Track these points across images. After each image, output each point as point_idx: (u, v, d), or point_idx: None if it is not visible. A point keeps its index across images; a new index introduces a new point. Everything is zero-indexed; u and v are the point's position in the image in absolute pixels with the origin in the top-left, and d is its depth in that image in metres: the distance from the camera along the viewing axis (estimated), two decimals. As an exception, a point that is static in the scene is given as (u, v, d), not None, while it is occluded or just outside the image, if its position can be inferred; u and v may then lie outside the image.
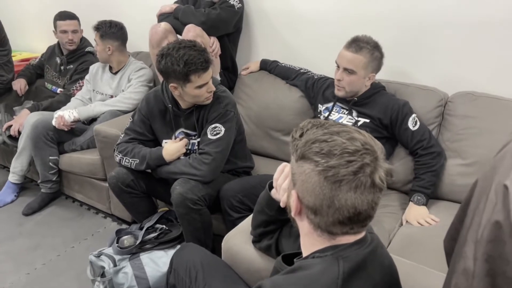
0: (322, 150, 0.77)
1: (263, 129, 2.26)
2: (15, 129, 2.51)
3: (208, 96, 1.74)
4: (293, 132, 0.86)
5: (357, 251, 0.81)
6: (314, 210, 0.80)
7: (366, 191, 0.77)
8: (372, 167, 0.77)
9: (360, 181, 0.76)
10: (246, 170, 2.02)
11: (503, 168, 0.65)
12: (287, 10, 2.33)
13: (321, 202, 0.78)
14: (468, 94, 1.82)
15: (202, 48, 1.69)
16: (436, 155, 1.75)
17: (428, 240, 1.54)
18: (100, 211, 2.50)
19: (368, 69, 1.76)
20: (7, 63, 2.90)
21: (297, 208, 0.83)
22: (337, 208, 0.77)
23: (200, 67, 1.63)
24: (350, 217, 0.78)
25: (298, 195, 0.82)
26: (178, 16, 2.28)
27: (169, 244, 1.83)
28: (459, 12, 1.84)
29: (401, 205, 1.79)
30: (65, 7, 2.78)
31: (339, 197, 0.76)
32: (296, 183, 0.82)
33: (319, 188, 0.77)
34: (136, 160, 1.80)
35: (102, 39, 2.40)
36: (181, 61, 1.61)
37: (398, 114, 1.77)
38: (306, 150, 0.80)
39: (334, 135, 0.80)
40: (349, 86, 1.80)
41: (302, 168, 0.80)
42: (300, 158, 0.81)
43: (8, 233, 2.31)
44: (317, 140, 0.79)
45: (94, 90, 2.58)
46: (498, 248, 0.61)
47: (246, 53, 2.57)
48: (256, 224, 1.20)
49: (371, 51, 1.74)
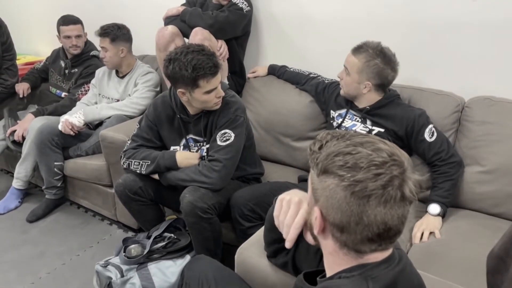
0: (347, 163, 0.72)
1: (272, 135, 2.21)
2: (19, 134, 2.47)
3: (217, 101, 1.69)
4: (311, 145, 0.81)
5: (386, 270, 0.76)
6: (340, 227, 0.74)
7: (396, 205, 0.72)
8: (401, 179, 0.72)
9: (390, 195, 0.71)
10: (256, 176, 1.97)
11: None
12: (296, 14, 2.29)
13: (349, 218, 0.73)
14: (486, 99, 1.76)
15: (211, 52, 1.64)
16: (456, 165, 1.70)
17: (447, 252, 1.48)
18: (105, 218, 2.45)
19: (363, 75, 1.71)
20: (11, 67, 2.87)
21: (321, 225, 0.78)
22: (366, 225, 0.72)
23: (208, 72, 1.59)
24: (380, 234, 0.73)
25: (321, 212, 0.77)
26: (185, 18, 2.23)
27: (178, 253, 1.78)
28: (475, 14, 1.79)
29: (416, 213, 1.73)
30: (70, 11, 2.74)
31: (368, 213, 0.71)
32: (319, 199, 0.77)
33: (345, 204, 0.72)
34: (147, 161, 1.75)
35: (114, 43, 2.35)
36: (189, 66, 1.57)
37: (414, 125, 1.71)
38: (328, 163, 0.74)
39: (358, 146, 0.74)
40: (345, 86, 1.80)
41: (326, 183, 0.75)
42: (322, 172, 0.75)
43: (12, 240, 2.26)
44: (340, 153, 0.74)
45: (100, 94, 2.53)
46: None
47: (254, 57, 2.53)
48: (268, 241, 1.15)
49: (369, 57, 1.68)
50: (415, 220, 1.70)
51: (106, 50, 2.36)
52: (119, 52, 2.37)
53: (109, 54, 2.37)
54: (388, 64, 1.71)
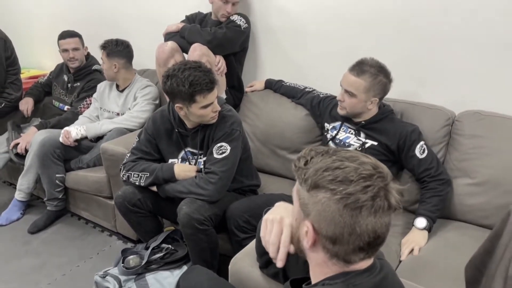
0: (338, 178, 0.76)
1: (269, 147, 2.26)
2: (22, 147, 2.52)
3: (213, 115, 1.75)
4: (295, 162, 0.85)
5: (368, 278, 0.80)
6: (333, 239, 0.78)
7: (383, 214, 0.77)
8: (386, 190, 0.77)
9: (379, 205, 0.76)
10: (253, 188, 2.01)
11: None
12: (293, 29, 2.35)
13: (342, 230, 0.76)
14: (475, 113, 1.81)
15: (207, 69, 1.70)
16: (444, 182, 1.73)
17: (439, 262, 1.51)
18: (105, 229, 2.49)
19: (370, 93, 1.74)
20: (15, 82, 2.93)
21: (313, 239, 0.80)
22: (359, 235, 0.76)
23: (205, 88, 1.64)
24: (370, 242, 0.77)
25: (314, 226, 0.80)
26: (185, 35, 2.30)
27: (175, 264, 1.82)
28: (467, 32, 1.84)
29: (407, 225, 1.76)
30: (73, 26, 2.82)
31: (360, 223, 0.75)
32: (311, 213, 0.80)
33: (339, 216, 0.76)
34: (146, 173, 1.80)
35: (109, 57, 2.43)
36: (187, 82, 1.62)
37: (406, 140, 1.75)
38: (318, 179, 0.78)
39: (344, 161, 0.79)
40: (350, 107, 1.80)
41: (317, 197, 0.78)
42: (312, 187, 0.79)
43: (14, 251, 2.30)
44: (328, 168, 0.78)
45: (102, 108, 2.59)
46: None
47: (252, 71, 2.59)
48: (260, 252, 1.19)
49: (373, 75, 1.72)
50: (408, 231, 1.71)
51: (104, 62, 2.46)
52: (112, 66, 2.44)
53: (105, 67, 2.47)
54: (388, 78, 1.77)
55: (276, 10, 2.37)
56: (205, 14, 2.47)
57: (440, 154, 1.83)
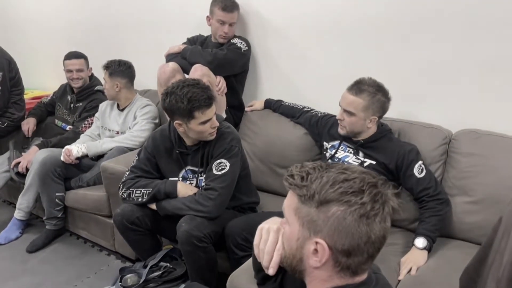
0: (350, 189, 0.76)
1: (268, 166, 2.28)
2: (23, 165, 2.54)
3: (211, 131, 1.77)
4: (288, 180, 0.82)
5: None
6: (349, 252, 0.76)
7: (389, 219, 0.78)
8: (387, 196, 0.78)
9: (387, 211, 0.77)
10: (252, 206, 2.02)
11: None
12: (291, 51, 2.40)
13: (358, 241, 0.75)
14: (471, 132, 1.83)
15: (205, 85, 1.74)
16: (443, 202, 1.73)
17: (438, 281, 1.51)
18: (104, 248, 2.48)
19: (369, 111, 1.76)
20: (18, 102, 2.97)
21: (328, 256, 0.77)
22: (373, 242, 0.77)
23: (203, 104, 1.67)
24: (379, 248, 0.79)
25: (327, 243, 0.76)
26: (186, 56, 2.35)
27: (173, 283, 1.82)
28: (462, 53, 1.88)
29: (407, 243, 1.76)
30: (77, 47, 2.88)
31: (374, 230, 0.76)
32: (322, 230, 0.77)
33: (356, 227, 0.75)
34: (149, 189, 1.81)
35: (111, 77, 2.48)
36: (185, 99, 1.66)
37: (404, 160, 1.76)
38: (328, 193, 0.76)
39: (347, 172, 0.78)
40: (350, 126, 1.82)
41: (329, 212, 0.76)
42: (322, 203, 0.76)
43: (12, 270, 2.29)
44: (336, 181, 0.77)
45: (103, 126, 2.63)
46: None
47: (252, 92, 2.63)
48: (257, 268, 1.18)
49: (372, 94, 1.74)
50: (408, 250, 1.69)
51: (106, 82, 2.51)
52: (114, 86, 2.49)
53: (107, 87, 2.51)
54: (387, 96, 1.79)
55: (275, 33, 2.43)
56: (206, 37, 2.53)
57: (438, 172, 1.85)
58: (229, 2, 2.34)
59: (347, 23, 2.17)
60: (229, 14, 2.34)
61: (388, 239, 0.82)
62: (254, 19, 2.49)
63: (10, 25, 3.94)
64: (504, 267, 0.63)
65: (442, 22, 1.90)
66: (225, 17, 2.34)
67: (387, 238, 0.79)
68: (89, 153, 2.45)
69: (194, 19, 2.65)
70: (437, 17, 1.91)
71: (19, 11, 3.83)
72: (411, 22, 1.98)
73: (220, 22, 2.35)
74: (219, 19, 2.35)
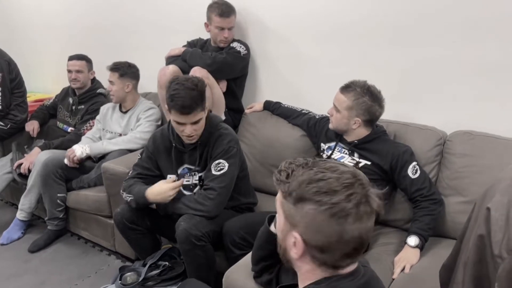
0: (322, 189, 0.79)
1: (266, 167, 2.31)
2: (26, 167, 2.58)
3: (185, 137, 1.80)
4: (276, 175, 0.87)
5: (351, 282, 0.83)
6: (322, 248, 0.80)
7: (367, 219, 0.80)
8: (367, 196, 0.80)
9: (363, 211, 0.79)
10: (250, 206, 2.05)
11: (489, 196, 0.69)
12: (290, 54, 2.44)
13: (330, 239, 0.79)
14: (466, 133, 1.86)
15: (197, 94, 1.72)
16: (437, 202, 1.75)
17: (431, 279, 1.51)
18: (104, 249, 2.51)
19: (352, 112, 1.80)
20: (21, 104, 3.02)
21: (302, 250, 0.83)
22: (346, 241, 0.79)
23: (177, 108, 1.70)
24: (356, 247, 0.81)
25: (302, 237, 0.82)
26: (186, 58, 2.39)
27: (172, 281, 1.84)
28: (457, 55, 1.92)
29: (401, 243, 1.77)
30: (78, 50, 2.92)
31: (347, 230, 0.78)
32: (298, 225, 0.82)
33: (327, 226, 0.79)
34: (131, 196, 1.85)
35: (121, 78, 2.52)
36: (170, 92, 1.72)
37: (398, 161, 1.79)
38: (303, 191, 0.81)
39: (326, 172, 0.82)
40: (335, 122, 1.88)
41: (303, 210, 0.81)
42: (298, 200, 0.81)
43: (14, 270, 2.32)
44: (312, 180, 0.81)
45: (104, 129, 2.66)
46: (483, 269, 0.63)
47: (252, 95, 2.66)
48: (256, 259, 1.22)
49: (358, 95, 1.78)
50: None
51: (113, 84, 2.52)
52: (125, 87, 2.53)
53: (115, 88, 2.53)
54: (376, 101, 1.81)
55: (274, 36, 2.47)
56: (205, 40, 2.57)
57: (433, 173, 1.87)
58: (225, 7, 2.37)
59: (345, 25, 2.20)
60: (227, 19, 2.37)
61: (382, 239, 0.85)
62: (252, 22, 2.53)
63: (13, 27, 4.00)
64: (470, 250, 0.66)
65: (438, 24, 1.93)
66: (224, 23, 2.37)
67: (368, 238, 0.81)
68: (92, 153, 2.48)
69: (194, 22, 2.68)
70: (433, 19, 1.94)
71: (23, 14, 3.89)
72: (407, 25, 2.02)
73: (219, 28, 2.39)
74: (217, 25, 2.38)
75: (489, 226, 0.62)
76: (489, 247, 0.62)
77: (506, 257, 0.59)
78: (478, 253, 0.64)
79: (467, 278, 0.67)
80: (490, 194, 0.69)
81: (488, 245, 0.62)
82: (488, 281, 0.63)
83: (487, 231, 0.63)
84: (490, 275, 0.62)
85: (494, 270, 0.61)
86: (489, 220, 0.63)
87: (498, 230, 0.61)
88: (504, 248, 0.60)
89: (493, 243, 0.61)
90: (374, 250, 1.75)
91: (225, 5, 2.38)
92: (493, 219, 0.63)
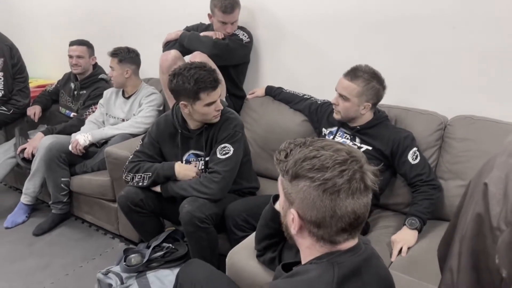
0: (315, 166, 0.83)
1: (268, 152, 2.33)
2: (29, 151, 2.60)
3: (216, 114, 1.82)
4: (276, 155, 0.92)
5: (352, 257, 0.86)
6: (317, 223, 0.84)
7: (361, 195, 0.83)
8: (361, 172, 0.83)
9: (355, 187, 0.82)
10: (252, 190, 2.07)
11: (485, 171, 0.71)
12: (292, 40, 2.44)
13: (324, 214, 0.82)
14: (467, 117, 1.87)
15: (212, 69, 1.78)
16: (436, 187, 1.78)
17: (429, 261, 1.54)
18: (108, 232, 2.55)
19: (363, 97, 1.80)
20: (24, 89, 3.02)
21: (299, 225, 0.87)
22: (340, 217, 0.82)
23: (209, 85, 1.73)
24: (351, 223, 0.83)
25: (298, 213, 0.86)
26: (184, 43, 2.37)
27: (175, 263, 1.87)
28: (459, 40, 1.92)
29: (400, 226, 1.79)
30: (79, 36, 2.92)
31: (339, 205, 0.82)
32: (294, 202, 0.86)
33: (319, 201, 0.82)
34: (149, 173, 1.86)
35: (121, 63, 2.52)
36: (192, 80, 1.71)
37: (399, 146, 1.81)
38: (298, 169, 0.84)
39: (320, 150, 0.85)
40: (344, 111, 1.86)
41: (298, 186, 0.85)
42: (293, 178, 0.85)
43: (19, 252, 2.36)
44: (306, 158, 0.85)
45: (107, 114, 2.68)
46: (480, 243, 0.65)
47: (253, 81, 2.67)
48: (260, 237, 1.25)
49: (366, 80, 1.78)
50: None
51: (113, 69, 2.53)
52: (124, 72, 2.53)
53: (115, 74, 2.54)
54: (382, 84, 1.83)
55: (277, 22, 2.46)
56: (207, 25, 2.55)
57: (433, 157, 1.89)
58: (228, 2, 2.32)
59: (348, 12, 2.20)
60: (230, 15, 2.35)
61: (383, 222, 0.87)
62: (256, 10, 2.52)
63: (16, 14, 3.98)
64: (467, 224, 0.68)
65: (439, 11, 1.93)
66: (226, 18, 2.35)
67: (363, 214, 0.84)
68: (94, 139, 2.50)
69: (196, 7, 2.67)
70: (434, 6, 1.94)
71: (24, 0, 3.87)
72: (409, 13, 2.01)
73: (221, 22, 2.37)
74: (220, 20, 2.36)
75: (487, 201, 0.64)
76: (488, 221, 0.64)
77: (504, 229, 0.61)
78: (476, 228, 0.66)
79: (464, 251, 0.69)
80: (487, 169, 0.70)
81: (487, 218, 0.64)
82: (486, 255, 0.65)
83: (485, 206, 0.64)
84: (488, 249, 0.64)
85: (492, 244, 0.63)
86: (487, 195, 0.65)
87: (496, 203, 0.63)
88: (503, 221, 0.62)
89: (492, 216, 0.63)
90: (374, 233, 1.78)
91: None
92: (491, 193, 0.65)
